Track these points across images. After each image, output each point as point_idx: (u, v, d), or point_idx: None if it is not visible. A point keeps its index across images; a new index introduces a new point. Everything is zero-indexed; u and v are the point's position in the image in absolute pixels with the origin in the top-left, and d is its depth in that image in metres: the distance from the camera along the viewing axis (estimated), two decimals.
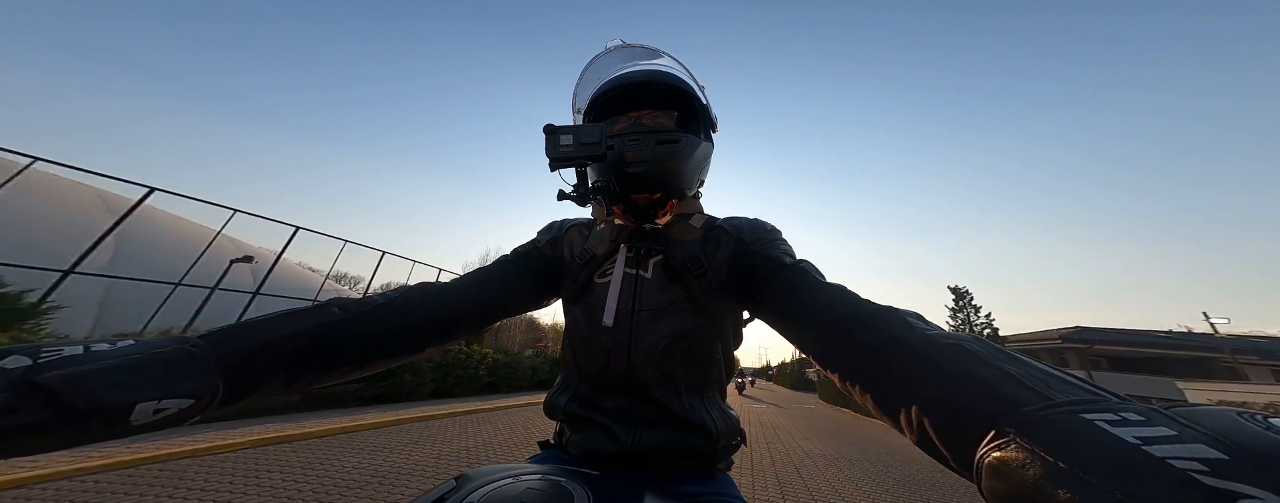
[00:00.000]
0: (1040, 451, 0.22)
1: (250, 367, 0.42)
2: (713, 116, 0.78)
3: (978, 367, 0.32)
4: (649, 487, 0.52)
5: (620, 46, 0.82)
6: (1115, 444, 0.20)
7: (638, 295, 0.68)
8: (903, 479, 5.45)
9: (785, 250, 0.66)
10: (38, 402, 0.30)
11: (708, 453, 0.66)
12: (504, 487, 0.45)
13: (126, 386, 0.33)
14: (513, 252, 0.80)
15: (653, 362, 0.65)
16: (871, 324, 0.44)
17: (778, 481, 4.91)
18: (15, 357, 0.31)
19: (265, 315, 0.48)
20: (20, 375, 0.30)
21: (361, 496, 3.20)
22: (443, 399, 9.37)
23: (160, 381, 0.35)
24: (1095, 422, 0.22)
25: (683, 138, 0.67)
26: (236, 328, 0.44)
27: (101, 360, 0.34)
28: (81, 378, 0.32)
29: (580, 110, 0.81)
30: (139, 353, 0.36)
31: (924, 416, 0.33)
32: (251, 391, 0.43)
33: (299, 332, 0.47)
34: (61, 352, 0.33)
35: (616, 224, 0.74)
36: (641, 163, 0.65)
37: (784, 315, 0.57)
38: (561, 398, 0.72)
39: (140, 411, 0.33)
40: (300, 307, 0.52)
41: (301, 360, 0.47)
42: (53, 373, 0.31)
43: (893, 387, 0.37)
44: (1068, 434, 0.22)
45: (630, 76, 0.74)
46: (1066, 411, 0.24)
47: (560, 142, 0.59)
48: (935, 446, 0.31)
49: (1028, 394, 0.28)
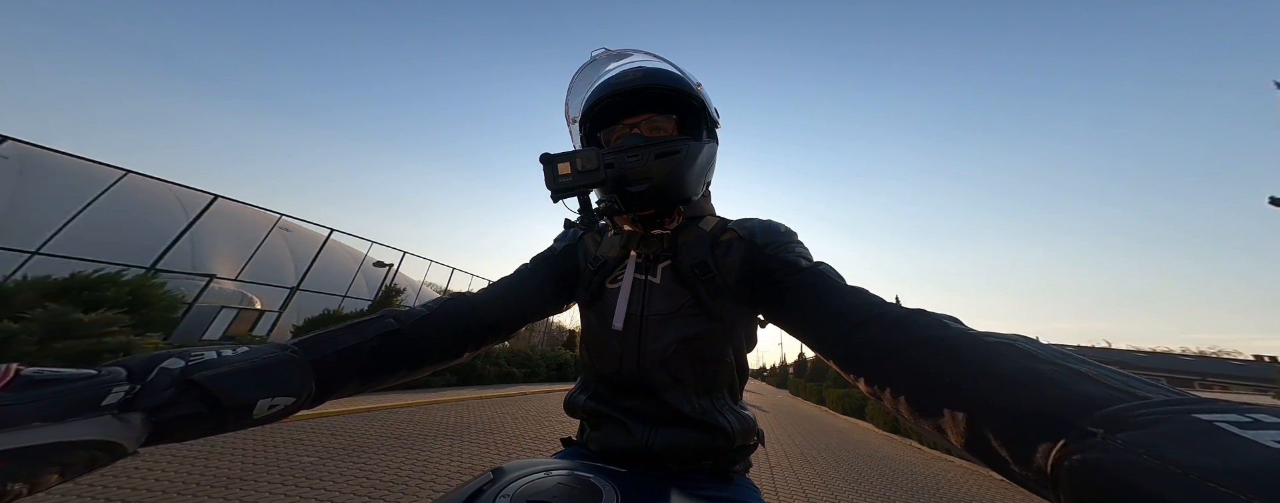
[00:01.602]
0: (1145, 453, 0.19)
1: (335, 371, 0.49)
2: (713, 113, 0.76)
3: (1037, 364, 0.30)
4: (673, 486, 0.53)
5: (604, 54, 0.80)
6: (1251, 448, 0.18)
7: (647, 300, 0.68)
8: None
9: (801, 253, 0.65)
10: (195, 396, 0.36)
11: (724, 453, 0.66)
12: (537, 481, 0.48)
13: (252, 385, 0.40)
14: (533, 259, 0.82)
15: (661, 365, 0.65)
16: (902, 325, 0.41)
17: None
18: (173, 359, 0.38)
19: (338, 327, 0.54)
20: (179, 374, 0.36)
21: (493, 429, 5.50)
22: (510, 382, 11.21)
23: (275, 381, 0.42)
24: (1216, 423, 0.20)
25: (683, 146, 0.66)
26: (321, 336, 0.51)
27: (231, 364, 0.40)
28: (223, 378, 0.38)
29: (574, 120, 0.79)
30: (258, 357, 0.42)
31: (974, 417, 0.30)
32: (333, 391, 0.49)
33: (365, 340, 0.53)
34: (203, 356, 0.39)
35: (626, 231, 0.74)
36: (643, 180, 0.63)
37: (802, 320, 0.55)
38: (581, 397, 0.74)
39: (261, 406, 0.40)
40: (363, 319, 0.57)
41: (370, 365, 0.53)
42: (204, 373, 0.37)
43: (931, 388, 0.35)
44: (1182, 436, 0.19)
45: (622, 83, 0.71)
46: (1172, 410, 0.21)
47: (558, 173, 0.59)
48: (991, 449, 0.29)
49: (1110, 392, 0.25)
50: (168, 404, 0.34)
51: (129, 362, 0.36)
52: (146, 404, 0.33)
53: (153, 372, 0.35)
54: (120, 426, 0.32)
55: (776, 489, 4.28)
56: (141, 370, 0.35)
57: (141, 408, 0.33)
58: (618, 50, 0.80)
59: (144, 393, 0.34)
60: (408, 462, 3.61)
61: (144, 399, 0.33)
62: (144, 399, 0.33)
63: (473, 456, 4.06)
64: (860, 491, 4.59)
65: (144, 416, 0.33)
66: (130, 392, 0.33)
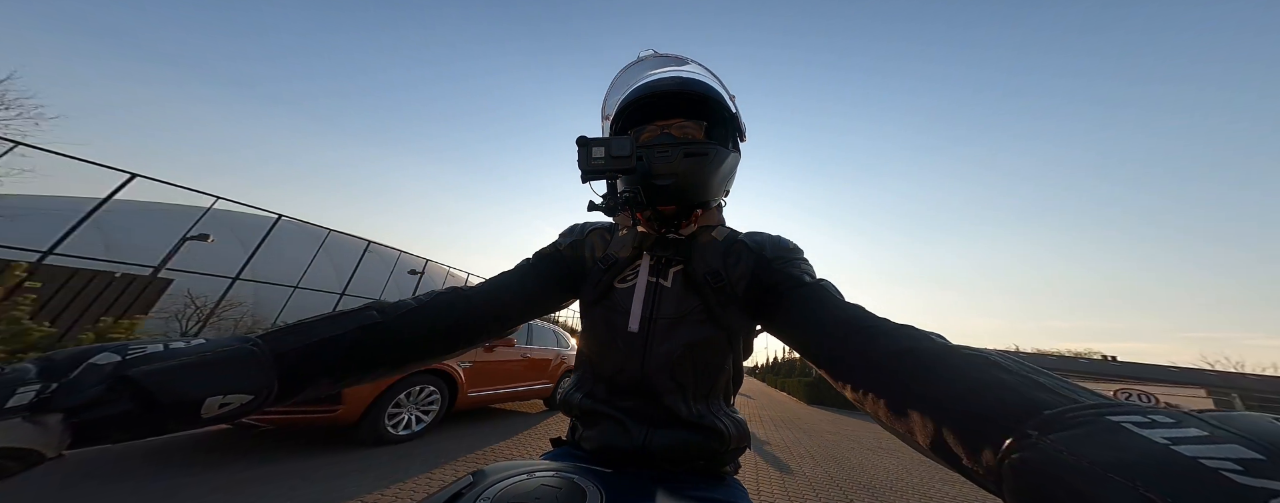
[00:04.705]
0: (1065, 450, 0.22)
1: (301, 366, 0.45)
2: (742, 125, 0.78)
3: (1002, 374, 0.32)
4: (661, 487, 0.53)
5: (652, 56, 0.82)
6: (1143, 444, 0.21)
7: (657, 304, 0.69)
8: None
9: (806, 270, 0.67)
10: (127, 394, 0.33)
11: (717, 454, 0.69)
12: (518, 483, 0.47)
13: (199, 381, 0.36)
14: (535, 255, 0.81)
15: (666, 369, 0.67)
16: (889, 336, 0.44)
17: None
18: (105, 353, 0.34)
19: (315, 317, 0.50)
20: (112, 370, 0.33)
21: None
22: None
23: (226, 378, 0.38)
24: (1121, 423, 0.23)
25: (711, 150, 0.67)
26: (292, 328, 0.47)
27: (179, 357, 0.37)
28: (163, 373, 0.35)
29: (609, 116, 0.80)
30: (209, 351, 0.39)
31: (939, 419, 0.32)
32: (301, 389, 0.46)
33: (343, 333, 0.50)
34: (145, 349, 0.36)
35: (640, 232, 0.74)
36: (669, 175, 0.65)
37: (799, 331, 0.57)
38: (576, 395, 0.75)
39: (209, 404, 0.37)
40: (344, 309, 0.54)
41: (346, 361, 0.49)
42: (140, 368, 0.34)
43: (906, 393, 0.37)
44: (1092, 434, 0.23)
45: (659, 85, 0.74)
46: (1092, 412, 0.25)
47: (592, 154, 0.60)
48: (950, 450, 0.31)
49: (1053, 398, 0.28)
50: (92, 403, 0.31)
51: (51, 357, 0.33)
52: (65, 404, 0.30)
53: (79, 367, 0.32)
54: (31, 429, 0.29)
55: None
56: (63, 367, 0.32)
57: (59, 408, 0.30)
58: (668, 54, 0.82)
59: (62, 392, 0.30)
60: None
61: (62, 398, 0.30)
62: (62, 398, 0.30)
63: None
64: (767, 415, 9.65)
65: (62, 416, 0.30)
66: (42, 391, 0.30)
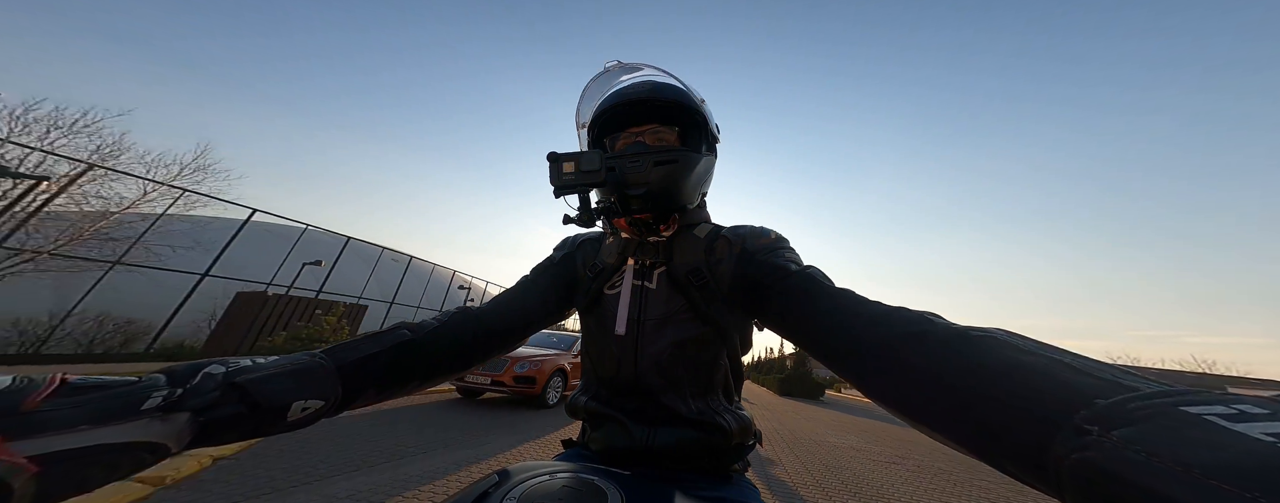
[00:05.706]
0: (1143, 451, 0.20)
1: (356, 378, 0.51)
2: (714, 129, 0.80)
3: (1021, 356, 0.30)
4: (676, 489, 0.54)
5: (617, 66, 0.83)
6: (1245, 443, 0.18)
7: (643, 306, 0.71)
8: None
9: (791, 258, 0.67)
10: (236, 397, 0.38)
11: (722, 451, 0.69)
12: (542, 483, 0.49)
13: (287, 388, 0.42)
14: (533, 270, 0.85)
15: (657, 368, 0.69)
16: (885, 322, 0.43)
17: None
18: (215, 364, 0.40)
19: (361, 336, 0.56)
20: (223, 378, 0.38)
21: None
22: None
23: (306, 386, 0.44)
24: (1203, 416, 0.20)
25: (681, 156, 0.68)
26: (346, 345, 0.53)
27: (266, 370, 0.42)
28: (261, 381, 0.40)
29: (584, 125, 0.82)
30: (289, 363, 0.44)
31: (963, 413, 0.30)
32: (355, 398, 0.51)
33: (384, 350, 0.55)
34: (240, 362, 0.42)
35: (623, 238, 0.76)
36: (641, 184, 0.65)
37: (793, 323, 0.57)
38: (582, 398, 0.78)
39: (294, 408, 0.42)
40: (381, 329, 0.59)
41: (387, 375, 0.55)
42: (244, 376, 0.40)
43: (918, 384, 0.35)
44: (1173, 430, 0.20)
45: (630, 93, 0.74)
46: (1163, 402, 0.22)
47: (562, 170, 0.61)
48: (986, 448, 0.29)
49: (1098, 383, 0.25)
50: (212, 405, 0.36)
51: (174, 368, 0.38)
52: (192, 405, 0.35)
53: (197, 376, 0.37)
54: (163, 427, 0.33)
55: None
56: (185, 375, 0.37)
57: (188, 409, 0.35)
58: (630, 63, 0.83)
59: (188, 395, 0.36)
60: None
61: (190, 401, 0.35)
62: (190, 401, 0.35)
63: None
64: (746, 405, 14.61)
65: (190, 416, 0.35)
66: (171, 396, 0.34)
